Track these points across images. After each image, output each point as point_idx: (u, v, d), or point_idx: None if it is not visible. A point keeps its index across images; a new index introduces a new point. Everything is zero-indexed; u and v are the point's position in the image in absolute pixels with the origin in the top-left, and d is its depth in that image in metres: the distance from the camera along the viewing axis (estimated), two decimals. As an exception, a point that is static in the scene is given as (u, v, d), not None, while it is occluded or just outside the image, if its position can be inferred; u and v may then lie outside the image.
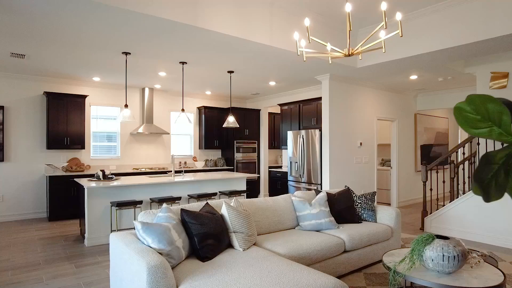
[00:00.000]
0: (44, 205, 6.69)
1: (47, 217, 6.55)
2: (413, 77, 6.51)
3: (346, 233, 3.68)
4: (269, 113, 9.57)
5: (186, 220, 2.87)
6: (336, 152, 6.47)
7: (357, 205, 4.35)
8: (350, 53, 3.05)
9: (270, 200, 3.89)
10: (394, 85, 7.27)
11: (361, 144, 6.98)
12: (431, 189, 5.77)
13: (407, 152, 8.31)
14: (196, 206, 3.27)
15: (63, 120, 6.64)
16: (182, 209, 2.91)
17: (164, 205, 2.98)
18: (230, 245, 3.08)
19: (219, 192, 5.91)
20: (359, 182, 6.94)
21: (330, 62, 3.32)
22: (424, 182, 5.68)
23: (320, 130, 6.51)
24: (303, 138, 6.83)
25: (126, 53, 4.91)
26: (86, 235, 4.77)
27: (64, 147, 6.64)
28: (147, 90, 7.82)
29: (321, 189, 6.47)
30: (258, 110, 9.25)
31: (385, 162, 8.77)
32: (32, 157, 6.59)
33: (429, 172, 9.02)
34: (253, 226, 3.22)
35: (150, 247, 2.59)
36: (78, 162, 6.92)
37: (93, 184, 4.74)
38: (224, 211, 3.14)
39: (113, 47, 4.69)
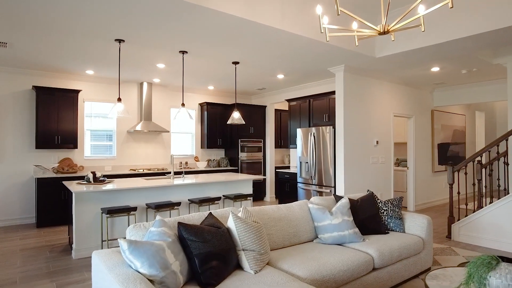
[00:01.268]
0: (32, 210, 6.15)
1: (35, 223, 6.02)
2: (435, 69, 5.93)
3: (374, 247, 3.12)
4: (275, 110, 9.00)
5: (185, 236, 2.32)
6: (351, 152, 5.90)
7: (383, 212, 3.79)
8: (386, 30, 2.48)
9: (284, 209, 3.33)
10: (412, 78, 6.69)
11: (377, 142, 6.41)
12: (458, 193, 5.19)
13: (423, 151, 7.72)
14: (197, 217, 2.72)
15: (54, 117, 6.10)
16: (179, 223, 2.36)
17: (158, 217, 2.43)
18: (238, 266, 2.53)
19: (223, 196, 5.35)
20: (375, 185, 6.37)
21: (356, 44, 2.76)
22: (451, 185, 5.10)
23: (333, 127, 5.94)
24: (314, 136, 6.26)
25: (120, 40, 4.36)
26: (73, 246, 4.23)
27: (55, 147, 6.10)
28: (145, 85, 7.27)
29: (335, 192, 5.91)
30: (264, 107, 8.69)
31: (400, 162, 8.19)
32: (20, 158, 6.05)
33: (439, 173, 8.44)
34: (266, 242, 2.67)
35: (139, 272, 2.05)
36: (70, 162, 6.38)
37: (81, 188, 4.19)
38: (231, 223, 2.58)
39: (105, 34, 4.13)
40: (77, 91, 6.29)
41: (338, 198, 3.71)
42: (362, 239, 3.31)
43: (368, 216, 3.61)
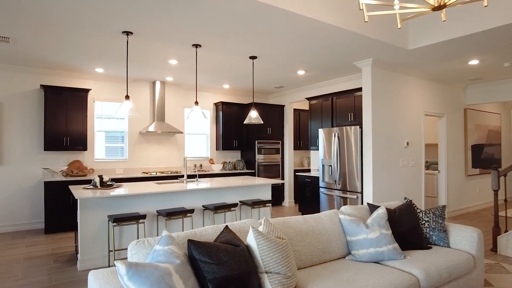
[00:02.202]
0: (41, 214, 5.89)
1: (43, 229, 5.74)
2: (473, 62, 5.35)
3: (419, 266, 2.63)
4: (294, 110, 8.54)
5: (196, 257, 1.91)
6: (380, 154, 5.39)
7: (424, 224, 3.29)
8: (442, 3, 2.01)
9: (312, 220, 2.87)
10: (445, 74, 6.11)
11: (407, 144, 5.87)
12: (505, 200, 4.60)
13: (456, 153, 7.11)
14: (210, 231, 2.30)
15: (62, 117, 5.83)
16: (190, 241, 1.94)
17: (165, 232, 2.03)
18: (261, 292, 2.10)
19: (240, 202, 4.94)
20: (405, 190, 5.83)
21: (399, 26, 2.30)
22: (496, 191, 4.53)
23: (360, 127, 5.45)
24: (338, 137, 5.78)
25: (128, 33, 4.01)
26: (79, 256, 3.89)
27: (64, 148, 5.83)
28: (158, 84, 6.94)
29: (362, 198, 5.40)
30: (282, 106, 8.24)
31: (430, 165, 7.59)
32: (28, 160, 5.80)
33: (472, 176, 7.80)
34: (293, 262, 2.23)
35: (140, 303, 1.65)
36: (79, 165, 6.10)
37: (87, 193, 3.85)
38: (251, 240, 2.16)
39: (112, 25, 3.79)
40: (87, 90, 6.01)
41: (372, 208, 3.23)
42: (402, 256, 2.82)
43: (408, 229, 3.11)
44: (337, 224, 2.97)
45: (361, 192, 5.40)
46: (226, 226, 2.27)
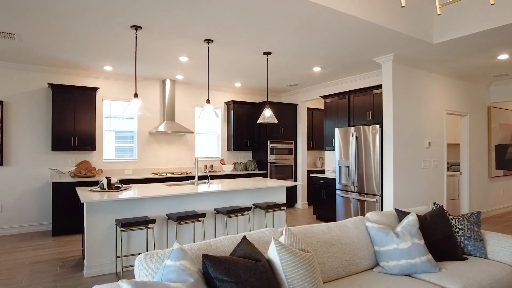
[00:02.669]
0: (49, 216, 5.74)
1: (51, 231, 5.59)
2: (503, 56, 5.01)
3: (459, 281, 2.36)
4: (307, 109, 8.26)
5: (212, 275, 1.67)
6: (401, 154, 5.09)
7: (457, 232, 3.00)
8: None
9: (336, 228, 2.62)
10: (471, 69, 5.77)
11: (429, 144, 5.56)
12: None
13: (478, 154, 6.76)
14: (227, 243, 2.06)
15: (71, 116, 5.67)
16: (205, 256, 1.71)
17: (176, 245, 1.80)
18: (284, 313, 1.85)
19: (253, 205, 4.70)
20: (426, 192, 5.52)
21: (438, 13, 2.03)
22: (529, 195, 4.20)
23: (381, 126, 5.16)
24: (356, 137, 5.49)
25: (136, 27, 3.80)
26: (85, 262, 3.70)
27: (72, 149, 5.67)
28: (168, 83, 6.75)
29: (382, 201, 5.11)
30: (295, 105, 7.97)
31: (451, 166, 7.25)
32: (36, 161, 5.66)
33: (496, 178, 7.42)
34: (319, 278, 1.98)
35: (148, 329, 1.42)
36: (88, 166, 5.94)
37: (93, 196, 3.66)
38: (273, 254, 1.91)
39: (119, 19, 3.59)
40: (95, 89, 5.84)
41: (401, 214, 2.96)
42: (437, 269, 2.55)
43: (442, 238, 2.83)
44: (363, 232, 2.70)
45: (381, 195, 5.11)
46: (244, 236, 2.03)
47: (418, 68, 5.39)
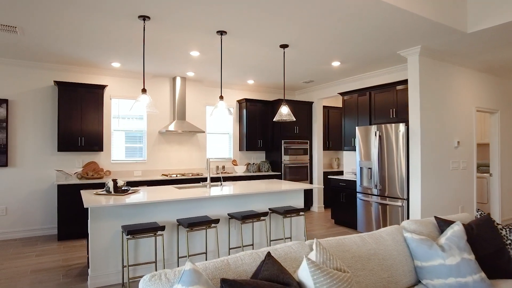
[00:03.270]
0: (54, 220, 5.51)
1: (56, 235, 5.36)
2: (541, 48, 4.58)
3: (520, 306, 1.98)
4: (323, 107, 7.89)
5: (233, 304, 1.35)
6: (428, 155, 4.70)
7: (509, 244, 2.62)
8: None
9: (371, 240, 2.26)
10: (501, 63, 5.33)
11: (458, 143, 5.14)
12: None
13: (510, 154, 6.29)
14: (248, 260, 1.73)
15: (77, 115, 5.43)
16: (224, 282, 1.38)
17: (188, 265, 1.47)
18: None
19: (270, 210, 4.36)
20: (455, 196, 5.11)
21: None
22: None
23: (407, 125, 4.78)
24: (379, 137, 5.11)
25: (144, 17, 3.51)
26: (89, 271, 3.42)
27: (78, 149, 5.43)
28: (178, 80, 6.47)
29: (408, 205, 4.73)
30: (311, 103, 7.61)
31: (479, 167, 6.80)
32: (41, 162, 5.43)
33: (538, 180, 6.90)
34: (360, 303, 1.63)
35: None
36: (95, 167, 5.69)
37: (98, 201, 3.37)
38: (305, 275, 1.58)
39: (127, 9, 3.30)
40: (103, 87, 5.59)
41: (442, 223, 2.59)
42: (491, 289, 2.17)
43: (493, 252, 2.45)
44: (401, 244, 2.35)
45: (407, 199, 4.73)
46: (269, 253, 1.69)
47: (445, 61, 4.99)
